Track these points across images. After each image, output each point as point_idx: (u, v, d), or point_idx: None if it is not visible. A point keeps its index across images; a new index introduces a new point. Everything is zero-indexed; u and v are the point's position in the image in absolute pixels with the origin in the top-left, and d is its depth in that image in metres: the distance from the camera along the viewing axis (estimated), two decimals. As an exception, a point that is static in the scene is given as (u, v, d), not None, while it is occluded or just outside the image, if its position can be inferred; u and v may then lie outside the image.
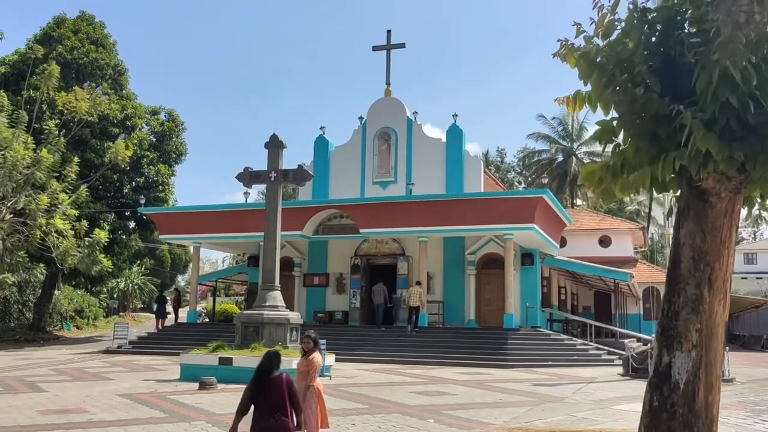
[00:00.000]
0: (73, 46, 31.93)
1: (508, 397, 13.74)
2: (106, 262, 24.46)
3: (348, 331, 24.65)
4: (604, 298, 36.48)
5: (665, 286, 5.86)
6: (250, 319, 16.18)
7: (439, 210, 23.38)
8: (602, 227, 37.78)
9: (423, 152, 28.15)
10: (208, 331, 24.60)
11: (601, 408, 12.39)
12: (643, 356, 17.48)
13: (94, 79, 30.72)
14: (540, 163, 59.80)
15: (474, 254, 26.14)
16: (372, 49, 29.99)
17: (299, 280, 28.54)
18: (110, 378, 16.23)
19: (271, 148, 17.63)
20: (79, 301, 37.88)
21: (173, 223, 27.66)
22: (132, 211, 32.82)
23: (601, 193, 6.40)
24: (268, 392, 5.84)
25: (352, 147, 29.43)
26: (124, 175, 32.55)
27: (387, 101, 29.29)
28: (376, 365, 19.89)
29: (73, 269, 26.64)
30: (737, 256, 72.37)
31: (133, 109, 32.89)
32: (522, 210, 22.21)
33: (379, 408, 12.08)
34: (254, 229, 25.20)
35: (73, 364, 19.88)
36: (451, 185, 27.15)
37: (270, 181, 17.35)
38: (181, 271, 61.79)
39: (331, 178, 29.35)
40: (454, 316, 25.96)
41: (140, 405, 12.08)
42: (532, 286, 25.78)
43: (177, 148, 34.54)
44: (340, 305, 27.68)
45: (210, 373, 15.07)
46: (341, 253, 27.98)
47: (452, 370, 18.86)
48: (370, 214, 24.38)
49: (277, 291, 17.13)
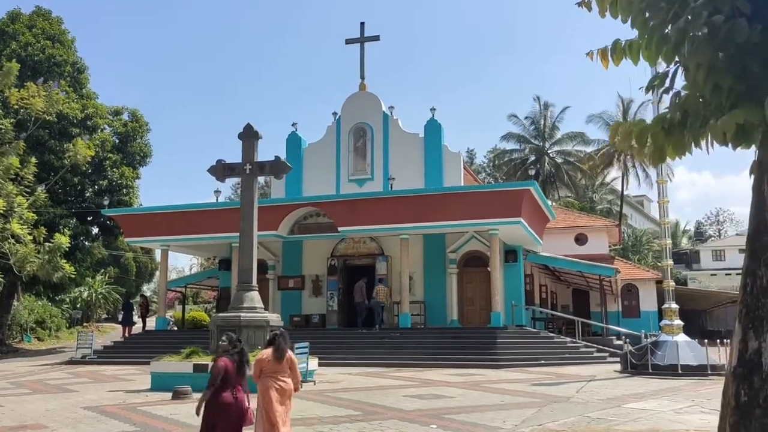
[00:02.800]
0: (27, 42, 30.30)
1: (510, 398, 12.78)
2: (68, 268, 22.99)
3: (326, 334, 23.49)
4: (582, 296, 36.04)
5: (746, 258, 4.89)
6: (227, 322, 14.94)
7: (421, 205, 22.39)
8: (578, 225, 37.37)
9: (400, 148, 27.15)
10: (178, 338, 23.21)
11: (613, 407, 11.49)
12: (643, 352, 16.71)
13: (51, 77, 29.13)
14: (512, 163, 59.27)
15: (455, 252, 25.22)
16: (345, 42, 28.93)
17: (273, 283, 27.30)
18: (74, 390, 14.87)
19: (246, 139, 16.44)
20: (40, 312, 36.03)
21: (139, 224, 26.17)
22: (95, 214, 31.25)
23: (651, 154, 5.43)
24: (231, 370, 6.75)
25: (327, 144, 28.30)
26: (86, 178, 30.99)
27: (362, 96, 28.23)
28: (359, 369, 18.79)
29: (33, 277, 25.13)
30: (706, 254, 73.30)
31: (94, 108, 31.33)
32: (507, 203, 21.34)
33: (374, 414, 11.01)
34: (226, 229, 24.00)
35: (32, 377, 18.40)
36: (431, 181, 26.18)
37: (245, 174, 16.16)
38: (147, 279, 59.90)
39: (305, 177, 28.16)
40: (437, 316, 25.00)
41: (108, 418, 10.82)
42: (516, 284, 24.91)
43: (141, 149, 33.05)
44: (316, 308, 26.51)
45: (184, 382, 13.83)
46: (317, 254, 26.82)
47: (442, 371, 17.85)
48: (349, 211, 23.27)
49: (254, 291, 15.93)
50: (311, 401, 12.51)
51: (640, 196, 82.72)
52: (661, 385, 14.37)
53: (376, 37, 28.71)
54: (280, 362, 7.39)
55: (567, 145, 58.63)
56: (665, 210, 17.65)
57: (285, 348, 7.49)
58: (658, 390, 13.65)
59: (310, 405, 12.05)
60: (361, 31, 28.60)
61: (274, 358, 7.38)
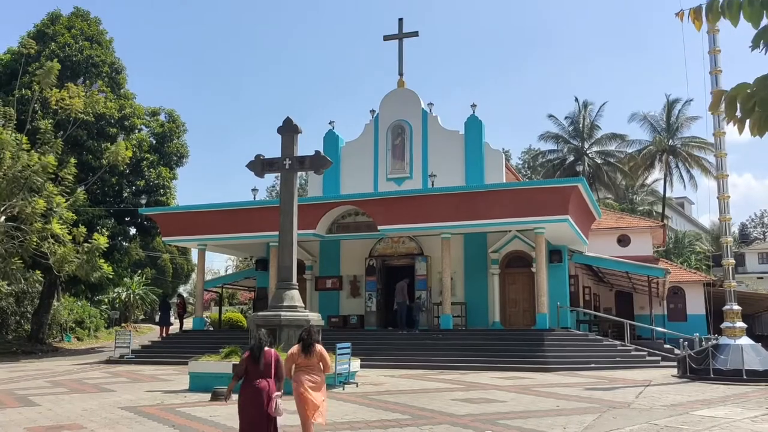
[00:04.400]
0: (66, 42, 30.38)
1: (565, 403, 12.04)
2: (107, 268, 22.88)
3: (365, 335, 22.89)
4: (626, 298, 34.94)
5: None
6: (267, 321, 14.45)
7: (464, 203, 21.69)
8: (621, 226, 36.31)
9: (440, 145, 26.51)
10: (216, 338, 22.89)
11: (681, 414, 10.68)
12: (703, 355, 15.78)
13: (89, 77, 29.19)
14: (551, 164, 58.09)
15: (497, 252, 24.47)
16: (383, 38, 28.45)
17: (311, 284, 26.86)
18: (111, 389, 14.52)
19: (285, 134, 15.96)
20: (79, 312, 36.24)
21: (176, 223, 25.93)
22: (132, 214, 31.22)
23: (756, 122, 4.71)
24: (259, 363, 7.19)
25: (364, 142, 27.80)
26: (124, 179, 30.98)
27: (400, 93, 27.68)
28: (401, 371, 18.17)
29: (72, 277, 25.10)
30: (752, 256, 71.11)
31: (131, 108, 31.30)
32: (554, 201, 20.53)
33: (424, 418, 10.39)
34: (264, 228, 23.67)
35: (71, 375, 18.15)
36: (471, 180, 25.45)
37: (284, 169, 15.66)
38: (183, 281, 59.99)
39: (342, 176, 27.71)
40: (477, 317, 24.29)
41: (146, 419, 10.39)
42: (561, 285, 24.04)
43: (178, 150, 32.92)
44: (354, 309, 25.97)
45: (223, 383, 13.31)
46: (355, 254, 26.30)
47: (488, 374, 17.14)
48: (389, 209, 22.68)
49: (295, 290, 15.41)
50: (356, 404, 11.94)
51: (681, 198, 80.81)
52: (727, 392, 13.47)
53: (414, 33, 28.15)
54: (309, 356, 7.79)
55: (607, 146, 57.35)
56: (726, 206, 16.69)
57: (311, 341, 7.85)
58: (725, 396, 12.78)
59: (355, 408, 11.48)
60: (400, 27, 28.09)
61: (303, 353, 7.80)
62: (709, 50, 17.36)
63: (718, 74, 17.22)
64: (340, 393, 13.60)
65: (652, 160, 56.01)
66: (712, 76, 17.25)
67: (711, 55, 17.30)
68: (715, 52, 17.29)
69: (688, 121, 54.59)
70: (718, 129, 17.04)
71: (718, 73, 17.24)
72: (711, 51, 17.33)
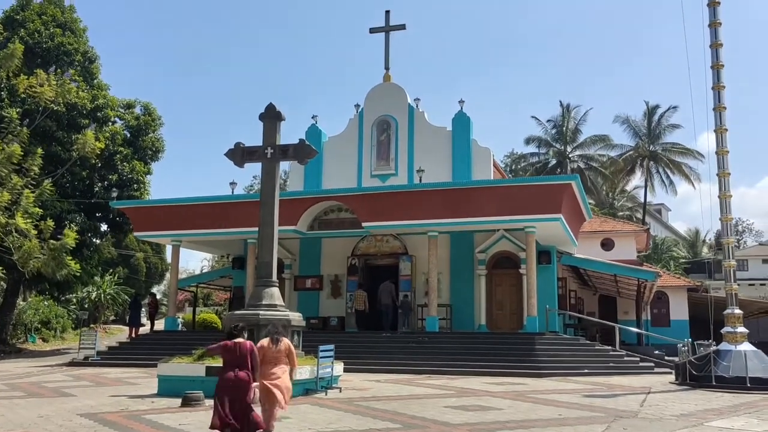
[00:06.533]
0: (36, 29, 29.01)
1: (567, 411, 11.14)
2: (74, 265, 21.58)
3: (347, 337, 21.80)
4: (609, 303, 34.42)
5: None
6: (244, 320, 13.34)
7: (452, 200, 20.78)
8: (605, 229, 35.89)
9: (426, 142, 25.59)
10: (189, 339, 21.68)
11: (695, 425, 9.81)
12: (704, 362, 14.98)
13: (60, 66, 27.82)
14: (534, 167, 57.62)
15: (484, 252, 23.61)
16: (369, 31, 27.51)
17: (290, 283, 25.74)
18: (72, 394, 13.35)
19: (267, 121, 14.93)
20: (45, 312, 34.63)
21: (149, 218, 24.67)
22: (104, 209, 29.84)
23: None
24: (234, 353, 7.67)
25: (348, 137, 26.80)
26: (95, 173, 29.61)
27: (386, 87, 26.73)
28: (386, 375, 17.18)
29: (37, 274, 23.82)
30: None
31: (104, 99, 29.98)
32: (547, 199, 19.69)
33: (417, 427, 9.43)
34: (242, 224, 22.57)
35: (29, 378, 16.91)
36: (459, 177, 24.49)
37: (266, 159, 14.61)
38: (157, 281, 58.46)
39: (325, 172, 26.68)
40: (463, 320, 23.37)
41: (107, 428, 9.29)
42: (550, 288, 23.21)
43: (153, 144, 31.61)
44: (335, 310, 24.91)
45: (195, 387, 12.29)
46: (336, 252, 25.26)
47: (478, 379, 16.21)
48: (374, 205, 21.69)
49: (275, 287, 14.38)
50: (341, 411, 10.94)
51: (659, 205, 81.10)
52: (734, 401, 12.67)
53: (401, 26, 27.25)
54: (277, 349, 8.22)
55: (590, 149, 57.06)
56: (728, 206, 15.93)
57: (278, 334, 8.39)
58: (735, 406, 11.96)
59: (339, 415, 10.49)
60: (386, 19, 27.18)
61: (271, 345, 8.24)
62: (711, 44, 16.70)
63: (720, 68, 16.57)
64: (323, 399, 12.59)
65: (633, 165, 55.87)
66: (714, 70, 16.59)
67: (712, 48, 16.64)
68: (717, 46, 16.65)
69: (670, 128, 54.56)
70: (720, 126, 16.33)
71: (720, 67, 16.59)
72: (712, 45, 16.67)
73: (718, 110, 16.38)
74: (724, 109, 16.37)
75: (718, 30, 16.64)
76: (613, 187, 59.37)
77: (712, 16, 16.59)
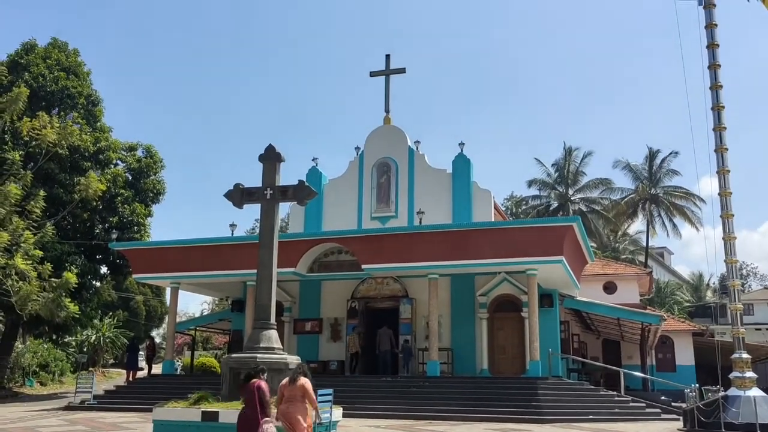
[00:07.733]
0: (40, 72, 29.37)
1: (572, 458, 10.84)
2: (73, 307, 21.41)
3: (347, 381, 21.45)
4: (613, 347, 33.96)
5: None
6: (241, 363, 13.10)
7: (453, 242, 20.67)
8: (607, 272, 35.59)
9: (426, 184, 25.63)
10: (187, 383, 21.31)
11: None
12: (713, 408, 14.65)
13: (63, 108, 28.08)
14: (536, 210, 57.62)
15: (486, 296, 23.36)
16: (370, 74, 27.82)
17: (289, 326, 25.45)
18: (65, 440, 13.05)
19: (267, 162, 14.88)
20: (44, 355, 34.25)
21: (148, 259, 24.53)
22: (104, 252, 29.74)
23: None
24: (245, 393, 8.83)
25: (348, 179, 26.85)
26: (96, 214, 29.63)
27: (386, 129, 26.89)
28: (386, 421, 16.84)
29: (36, 317, 23.64)
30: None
31: (107, 142, 30.19)
32: (548, 241, 19.59)
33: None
34: (241, 266, 22.42)
35: (23, 423, 16.56)
36: (459, 220, 24.44)
37: (265, 199, 14.53)
38: (156, 324, 57.96)
39: (325, 214, 26.65)
40: (465, 364, 23.00)
41: (97, 475, 9.02)
42: (552, 331, 22.91)
43: (155, 186, 31.71)
44: (335, 354, 24.57)
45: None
46: (336, 295, 25.04)
47: (481, 426, 15.87)
48: (373, 247, 21.58)
49: (273, 330, 14.11)
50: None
51: (661, 248, 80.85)
52: (744, 447, 12.35)
53: (401, 69, 27.54)
54: (293, 387, 8.94)
55: (592, 192, 57.15)
56: (732, 247, 15.82)
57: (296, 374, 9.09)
58: (745, 452, 11.63)
59: (337, 463, 10.17)
60: (387, 63, 27.49)
61: (288, 384, 9.00)
62: (711, 86, 16.83)
63: (721, 110, 16.65)
64: (321, 445, 12.25)
65: (635, 208, 55.87)
66: (714, 111, 16.67)
67: (712, 90, 16.76)
68: (717, 87, 16.76)
69: (671, 174, 54.77)
70: (722, 167, 16.33)
71: (721, 109, 16.68)
72: (712, 86, 16.79)
73: (719, 151, 16.42)
74: (725, 150, 16.41)
75: (718, 72, 16.81)
76: (615, 230, 59.23)
77: (711, 58, 16.75)
